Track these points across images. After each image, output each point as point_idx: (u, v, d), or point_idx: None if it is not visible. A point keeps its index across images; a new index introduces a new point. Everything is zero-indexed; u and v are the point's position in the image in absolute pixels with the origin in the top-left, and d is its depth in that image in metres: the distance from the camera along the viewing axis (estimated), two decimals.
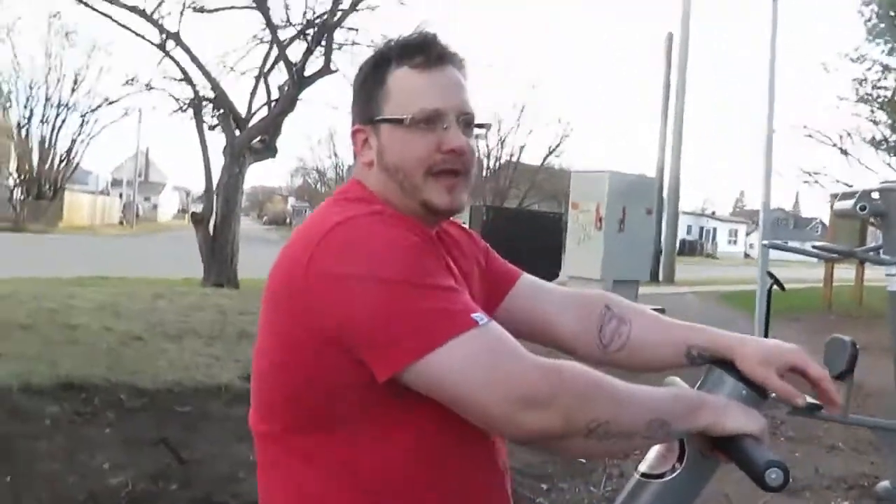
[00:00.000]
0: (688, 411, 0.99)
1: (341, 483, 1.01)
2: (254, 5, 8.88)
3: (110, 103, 21.55)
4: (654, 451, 1.09)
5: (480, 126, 1.13)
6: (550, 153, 32.42)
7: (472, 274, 1.20)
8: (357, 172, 1.14)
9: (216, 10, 9.49)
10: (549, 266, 13.93)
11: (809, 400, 1.04)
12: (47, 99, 32.12)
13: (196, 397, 4.26)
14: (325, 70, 9.53)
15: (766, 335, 6.67)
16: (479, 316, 0.95)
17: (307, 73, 9.68)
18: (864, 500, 3.67)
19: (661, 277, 19.05)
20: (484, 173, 32.98)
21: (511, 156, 32.83)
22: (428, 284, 0.95)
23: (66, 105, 32.10)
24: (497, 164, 32.88)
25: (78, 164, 35.33)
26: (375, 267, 0.94)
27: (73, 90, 31.83)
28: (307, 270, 0.96)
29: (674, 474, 1.05)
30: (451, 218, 1.21)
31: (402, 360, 0.92)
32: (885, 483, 3.48)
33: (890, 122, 14.26)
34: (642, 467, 1.10)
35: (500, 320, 1.23)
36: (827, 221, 14.99)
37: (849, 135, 15.87)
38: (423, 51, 1.07)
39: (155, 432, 3.72)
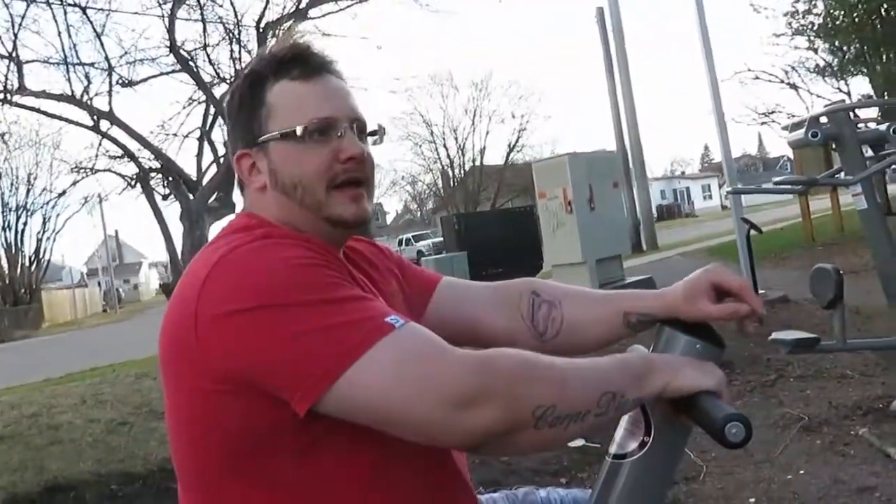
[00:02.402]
0: (637, 378, 0.90)
1: None
2: (179, 68, 8.79)
3: (60, 195, 21.38)
4: (621, 428, 1.01)
5: (373, 133, 1.06)
6: (511, 149, 32.55)
7: (389, 288, 1.12)
8: (249, 204, 1.05)
9: (143, 80, 9.40)
10: (530, 259, 13.94)
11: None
12: (5, 204, 31.90)
13: None
14: None
15: (754, 280, 6.62)
16: (395, 318, 0.85)
17: None
18: (884, 423, 3.58)
19: (644, 247, 19.13)
20: (451, 183, 33.10)
21: (474, 160, 32.94)
22: (329, 299, 0.85)
23: (25, 207, 31.86)
24: (462, 171, 32.97)
25: (49, 261, 34.99)
26: (267, 295, 0.84)
27: (28, 191, 31.59)
28: (197, 317, 0.86)
29: (644, 449, 0.97)
30: (360, 235, 1.15)
31: (316, 388, 0.81)
32: None
33: (827, 45, 14.39)
34: (612, 448, 1.02)
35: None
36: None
37: (793, 69, 16.04)
38: (299, 62, 1.01)
39: None
